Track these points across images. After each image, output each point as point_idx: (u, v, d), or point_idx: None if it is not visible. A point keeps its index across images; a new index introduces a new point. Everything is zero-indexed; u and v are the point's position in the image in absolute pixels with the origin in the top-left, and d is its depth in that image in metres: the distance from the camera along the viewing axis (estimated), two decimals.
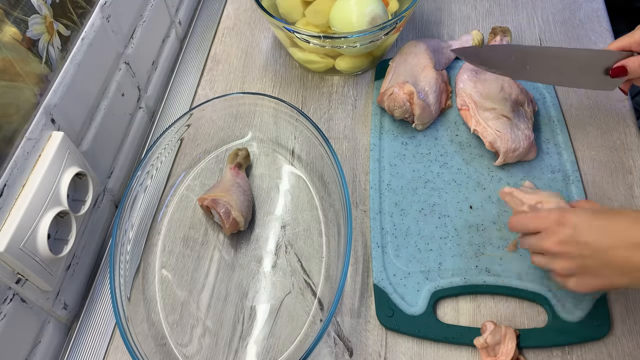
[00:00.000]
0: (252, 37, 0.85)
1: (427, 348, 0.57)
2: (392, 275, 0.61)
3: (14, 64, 0.48)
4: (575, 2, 0.87)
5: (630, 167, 0.68)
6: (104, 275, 0.64)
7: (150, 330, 0.59)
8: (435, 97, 0.71)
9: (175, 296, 0.61)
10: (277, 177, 0.70)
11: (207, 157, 0.72)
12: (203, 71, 0.81)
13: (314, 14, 0.74)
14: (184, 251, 0.64)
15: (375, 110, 0.74)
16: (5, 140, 0.48)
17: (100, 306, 0.62)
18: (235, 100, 0.71)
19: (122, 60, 0.68)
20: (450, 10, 0.87)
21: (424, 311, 0.58)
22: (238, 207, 0.62)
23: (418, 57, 0.73)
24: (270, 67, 0.81)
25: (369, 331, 0.58)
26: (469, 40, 0.79)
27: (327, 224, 0.65)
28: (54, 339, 0.58)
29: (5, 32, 0.46)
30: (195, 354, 0.58)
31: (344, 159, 0.71)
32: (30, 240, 0.49)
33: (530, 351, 0.57)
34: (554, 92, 0.75)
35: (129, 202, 0.62)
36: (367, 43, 0.70)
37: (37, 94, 0.52)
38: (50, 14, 0.52)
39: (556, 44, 0.82)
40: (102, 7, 0.61)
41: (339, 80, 0.79)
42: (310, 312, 0.60)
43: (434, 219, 0.65)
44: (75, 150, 0.56)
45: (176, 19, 0.84)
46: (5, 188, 0.48)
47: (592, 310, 0.58)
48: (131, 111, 0.72)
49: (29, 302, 0.52)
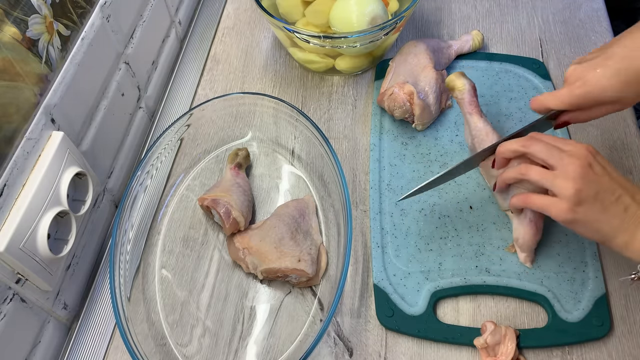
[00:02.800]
0: (252, 37, 0.85)
1: (427, 348, 0.57)
2: (392, 275, 0.61)
3: (14, 64, 0.48)
4: (575, 2, 0.87)
5: (630, 167, 0.68)
6: (104, 275, 0.64)
7: (150, 330, 0.59)
8: (435, 97, 0.71)
9: (175, 296, 0.61)
10: (277, 177, 0.70)
11: (207, 157, 0.72)
12: (203, 71, 0.81)
13: (314, 14, 0.74)
14: (184, 251, 0.64)
15: (375, 110, 0.74)
16: (5, 140, 0.48)
17: (100, 306, 0.62)
18: (235, 100, 0.71)
19: (122, 60, 0.68)
20: (450, 10, 0.87)
21: (424, 311, 0.58)
22: (238, 207, 0.62)
23: (418, 57, 0.73)
24: (270, 67, 0.81)
25: (369, 331, 0.58)
26: (469, 40, 0.79)
27: (327, 224, 0.65)
28: (54, 339, 0.58)
29: (5, 32, 0.46)
30: (195, 354, 0.58)
31: (344, 159, 0.71)
32: (30, 240, 0.49)
33: (530, 351, 0.57)
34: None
35: (129, 202, 0.62)
36: (367, 43, 0.70)
37: (37, 94, 0.51)
38: (50, 14, 0.52)
39: (556, 44, 0.82)
40: (102, 7, 0.61)
41: (339, 80, 0.79)
42: (310, 312, 0.60)
43: (434, 219, 0.65)
44: (75, 150, 0.56)
45: (176, 19, 0.84)
46: (5, 188, 0.48)
47: (592, 310, 0.58)
48: (131, 111, 0.72)
49: (29, 302, 0.52)
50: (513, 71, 0.78)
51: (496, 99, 0.75)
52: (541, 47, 0.82)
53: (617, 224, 0.50)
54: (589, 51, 0.57)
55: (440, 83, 0.72)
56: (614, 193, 0.50)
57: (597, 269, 0.60)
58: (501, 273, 0.60)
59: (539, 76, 0.77)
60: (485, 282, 0.60)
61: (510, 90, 0.76)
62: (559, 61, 0.80)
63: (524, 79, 0.77)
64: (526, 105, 0.74)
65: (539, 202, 0.53)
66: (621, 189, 0.51)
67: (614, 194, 0.50)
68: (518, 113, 0.73)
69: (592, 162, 0.51)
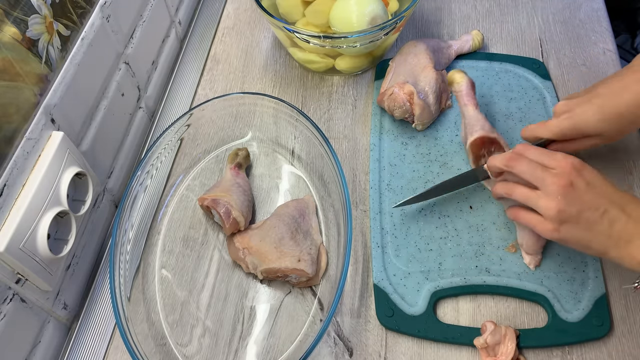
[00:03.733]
0: (252, 37, 0.85)
1: (427, 348, 0.57)
2: (392, 275, 0.61)
3: (13, 64, 0.48)
4: (575, 2, 0.87)
5: (630, 168, 0.68)
6: (104, 275, 0.64)
7: (150, 330, 0.59)
8: (435, 97, 0.71)
9: (175, 296, 0.61)
10: (277, 177, 0.70)
11: (207, 157, 0.72)
12: (203, 71, 0.81)
13: (314, 14, 0.74)
14: (184, 251, 0.64)
15: (375, 110, 0.74)
16: (5, 140, 0.48)
17: (100, 306, 0.62)
18: (235, 100, 0.71)
19: (122, 60, 0.68)
20: (450, 10, 0.87)
21: (424, 311, 0.58)
22: (238, 207, 0.62)
23: (418, 57, 0.73)
24: (270, 67, 0.81)
25: (369, 331, 0.58)
26: (468, 40, 0.79)
27: (327, 224, 0.65)
28: (54, 339, 0.58)
29: (5, 32, 0.46)
30: (195, 354, 0.58)
31: (344, 159, 0.71)
32: (30, 240, 0.49)
33: (530, 351, 0.57)
34: (554, 92, 0.75)
35: (129, 202, 0.62)
36: (367, 43, 0.70)
37: (37, 94, 0.51)
38: (50, 14, 0.52)
39: (556, 44, 0.82)
40: (102, 7, 0.61)
41: (339, 80, 0.79)
42: (310, 312, 0.60)
43: (434, 219, 0.65)
44: (75, 150, 0.56)
45: (176, 19, 0.84)
46: (5, 188, 0.48)
47: (592, 310, 0.58)
48: (131, 111, 0.72)
49: (29, 302, 0.52)
50: (513, 71, 0.78)
51: (496, 99, 0.75)
52: (541, 47, 0.82)
53: (604, 240, 0.50)
54: (589, 51, 0.58)
55: (440, 83, 0.72)
56: (598, 209, 0.50)
57: (597, 269, 0.60)
58: (501, 273, 0.60)
59: (539, 76, 0.77)
60: (485, 282, 0.60)
61: (510, 90, 0.76)
62: (559, 61, 0.80)
63: (524, 79, 0.77)
64: (526, 105, 0.74)
65: (527, 219, 0.54)
66: (607, 203, 0.50)
67: (598, 210, 0.50)
68: (518, 113, 0.73)
69: (575, 179, 0.51)
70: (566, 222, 0.51)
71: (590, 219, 0.50)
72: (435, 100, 0.71)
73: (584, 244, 0.51)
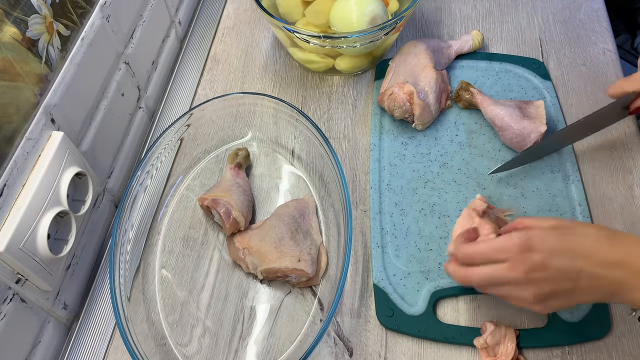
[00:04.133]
0: (252, 37, 0.85)
1: (427, 348, 0.57)
2: (392, 275, 0.61)
3: (13, 64, 0.48)
4: (575, 2, 0.87)
5: (630, 167, 0.68)
6: (104, 275, 0.64)
7: (150, 330, 0.59)
8: (435, 97, 0.71)
9: (175, 296, 0.61)
10: (277, 177, 0.70)
11: (207, 157, 0.72)
12: (203, 71, 0.81)
13: (314, 14, 0.74)
14: (184, 251, 0.64)
15: (375, 110, 0.74)
16: (5, 140, 0.48)
17: (100, 306, 0.62)
18: (235, 100, 0.71)
19: (122, 60, 0.68)
20: (450, 10, 0.87)
21: (424, 311, 0.58)
22: (238, 207, 0.62)
23: (418, 57, 0.73)
24: (270, 67, 0.81)
25: (369, 331, 0.58)
26: (468, 40, 0.79)
27: (327, 224, 0.65)
28: (54, 339, 0.58)
29: (5, 32, 0.46)
30: (195, 354, 0.58)
31: (344, 159, 0.71)
32: (30, 240, 0.49)
33: (530, 351, 0.57)
34: (554, 92, 0.75)
35: (129, 202, 0.62)
36: (367, 43, 0.70)
37: (37, 94, 0.52)
38: (50, 14, 0.52)
39: (556, 44, 0.82)
40: (102, 7, 0.61)
41: (339, 80, 0.79)
42: (310, 312, 0.60)
43: (434, 219, 0.65)
44: (75, 150, 0.56)
45: (176, 19, 0.84)
46: (5, 188, 0.48)
47: (592, 310, 0.58)
48: (131, 111, 0.72)
49: (29, 302, 0.52)
50: (513, 71, 0.78)
51: None
52: (541, 47, 0.82)
53: (590, 298, 0.48)
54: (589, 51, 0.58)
55: (440, 83, 0.72)
56: (569, 276, 0.47)
57: None
58: None
59: (539, 76, 0.77)
60: None
61: (510, 90, 0.76)
62: (559, 61, 0.80)
63: (524, 79, 0.77)
64: None
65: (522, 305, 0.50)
66: (577, 262, 0.47)
67: (569, 277, 0.47)
68: None
69: (531, 264, 0.47)
70: (547, 299, 0.48)
71: (567, 287, 0.47)
72: (435, 100, 0.71)
73: (574, 305, 0.50)
